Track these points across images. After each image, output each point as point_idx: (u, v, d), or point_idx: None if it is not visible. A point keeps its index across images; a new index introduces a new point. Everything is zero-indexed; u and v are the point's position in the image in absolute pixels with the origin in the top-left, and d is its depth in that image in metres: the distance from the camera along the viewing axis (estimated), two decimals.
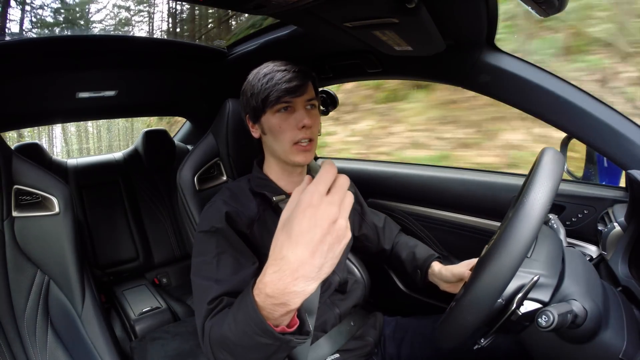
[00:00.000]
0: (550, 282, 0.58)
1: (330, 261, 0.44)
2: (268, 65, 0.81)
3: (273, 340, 0.51)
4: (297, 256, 0.43)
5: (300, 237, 0.43)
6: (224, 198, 0.82)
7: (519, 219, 0.51)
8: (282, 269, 0.45)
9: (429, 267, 0.94)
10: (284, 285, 0.45)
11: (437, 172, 1.30)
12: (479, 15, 0.74)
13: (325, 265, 0.44)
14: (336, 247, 0.44)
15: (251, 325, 0.51)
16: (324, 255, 0.43)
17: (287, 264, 0.44)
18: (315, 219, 0.42)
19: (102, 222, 1.83)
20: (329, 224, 0.42)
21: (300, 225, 0.43)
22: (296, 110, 0.79)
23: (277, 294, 0.46)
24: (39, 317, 0.87)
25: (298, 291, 0.45)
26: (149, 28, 4.91)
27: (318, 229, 0.42)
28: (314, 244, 0.43)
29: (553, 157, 0.57)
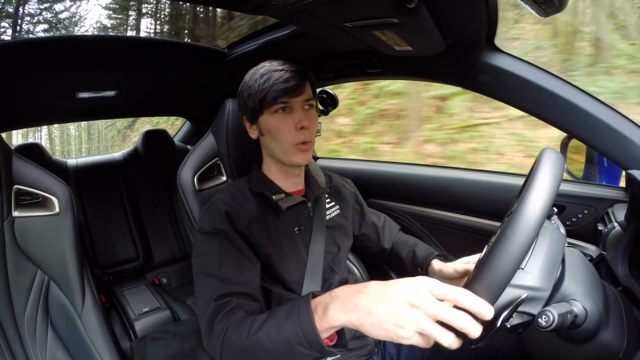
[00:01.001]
0: (541, 295, 0.56)
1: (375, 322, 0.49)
2: (265, 65, 0.80)
3: (316, 352, 0.55)
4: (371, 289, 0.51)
5: (389, 285, 0.50)
6: (223, 198, 0.82)
7: (519, 219, 0.51)
8: (358, 288, 0.53)
9: (429, 265, 0.94)
10: (345, 294, 0.53)
11: (437, 172, 1.30)
12: (479, 15, 0.74)
13: (371, 316, 0.49)
14: (389, 321, 0.48)
15: (299, 335, 0.55)
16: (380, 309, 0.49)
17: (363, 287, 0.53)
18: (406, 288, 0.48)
19: (102, 222, 1.83)
20: (407, 302, 0.47)
21: (399, 282, 0.50)
22: (294, 110, 0.79)
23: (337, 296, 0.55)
24: (39, 317, 0.87)
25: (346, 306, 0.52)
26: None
27: (399, 292, 0.48)
28: (385, 296, 0.49)
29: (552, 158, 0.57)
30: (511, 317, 0.55)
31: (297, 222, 0.85)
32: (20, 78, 1.18)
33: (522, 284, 0.56)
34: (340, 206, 0.98)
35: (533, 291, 0.56)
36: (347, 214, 0.99)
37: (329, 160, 1.67)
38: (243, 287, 0.71)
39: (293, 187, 0.88)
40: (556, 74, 0.86)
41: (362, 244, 1.07)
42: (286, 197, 0.84)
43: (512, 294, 0.55)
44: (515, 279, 0.53)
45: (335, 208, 0.96)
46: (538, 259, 0.59)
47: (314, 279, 0.84)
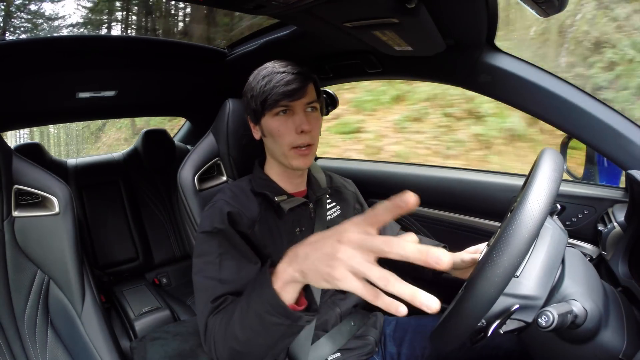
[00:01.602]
0: (535, 304, 0.56)
1: (312, 267, 0.47)
2: (268, 66, 0.80)
3: (283, 317, 0.54)
4: (309, 238, 0.50)
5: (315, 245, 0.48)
6: (226, 198, 0.82)
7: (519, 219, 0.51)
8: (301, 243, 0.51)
9: None
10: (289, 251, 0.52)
11: (437, 172, 1.30)
12: (479, 15, 0.74)
13: (307, 261, 0.47)
14: (322, 263, 0.45)
15: (264, 302, 0.54)
16: (314, 252, 0.47)
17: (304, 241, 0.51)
18: (336, 228, 0.45)
19: (102, 222, 1.83)
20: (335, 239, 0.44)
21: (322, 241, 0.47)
22: (295, 113, 0.78)
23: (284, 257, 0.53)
24: (39, 317, 0.87)
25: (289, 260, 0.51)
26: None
27: (329, 233, 0.46)
28: (318, 240, 0.47)
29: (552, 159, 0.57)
30: (504, 324, 0.55)
31: (298, 223, 0.85)
32: (20, 78, 1.18)
33: (515, 292, 0.56)
34: (341, 207, 0.98)
35: (527, 300, 0.56)
36: (348, 215, 0.99)
37: (329, 161, 1.67)
38: (241, 287, 0.71)
39: (295, 188, 0.88)
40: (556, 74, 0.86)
41: None
42: (288, 199, 0.84)
43: (504, 302, 0.55)
44: (509, 287, 0.53)
45: (336, 208, 0.96)
46: (535, 265, 0.58)
47: None
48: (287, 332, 0.56)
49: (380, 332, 0.97)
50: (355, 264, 0.41)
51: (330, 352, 0.86)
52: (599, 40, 2.96)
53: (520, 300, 0.56)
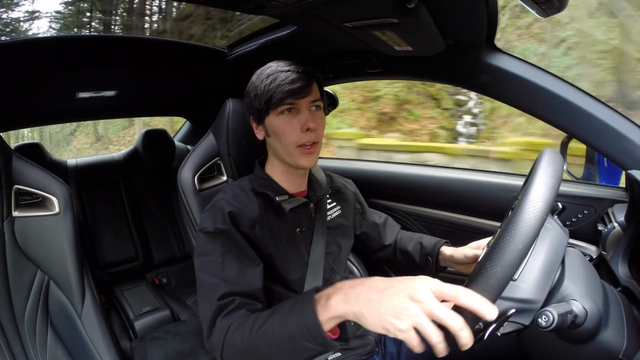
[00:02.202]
0: (533, 307, 0.56)
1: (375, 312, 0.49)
2: (271, 66, 0.79)
3: (319, 345, 0.55)
4: (374, 282, 0.52)
5: (391, 279, 0.51)
6: (227, 198, 0.81)
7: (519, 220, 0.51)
8: (360, 280, 0.54)
9: (439, 252, 0.95)
10: (349, 285, 0.54)
11: (437, 172, 1.30)
12: (479, 15, 0.74)
13: (371, 307, 0.50)
14: (388, 313, 0.48)
15: (302, 328, 0.55)
16: (381, 300, 0.49)
17: (365, 280, 0.54)
18: (408, 282, 0.49)
19: (102, 222, 1.82)
20: (407, 294, 0.48)
21: (401, 278, 0.50)
22: (300, 112, 0.78)
23: (340, 287, 0.55)
24: (39, 317, 0.87)
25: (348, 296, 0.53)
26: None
27: (400, 286, 0.49)
28: (387, 289, 0.50)
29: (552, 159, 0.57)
30: (501, 327, 0.56)
31: (299, 223, 0.85)
32: (20, 78, 1.18)
33: (512, 296, 0.56)
34: (342, 206, 0.98)
35: (524, 304, 0.56)
36: (348, 215, 0.99)
37: (329, 160, 1.67)
38: (246, 288, 0.71)
39: (296, 188, 0.88)
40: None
41: (362, 243, 1.07)
42: (289, 199, 0.83)
43: (501, 306, 0.55)
44: (507, 291, 0.53)
45: (336, 208, 0.96)
46: (534, 267, 0.58)
47: (315, 279, 0.84)
48: (314, 355, 0.58)
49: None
50: (421, 322, 0.46)
51: (331, 351, 0.86)
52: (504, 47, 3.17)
53: (517, 304, 0.56)
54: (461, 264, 0.88)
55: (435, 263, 0.95)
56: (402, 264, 1.05)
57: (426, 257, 0.97)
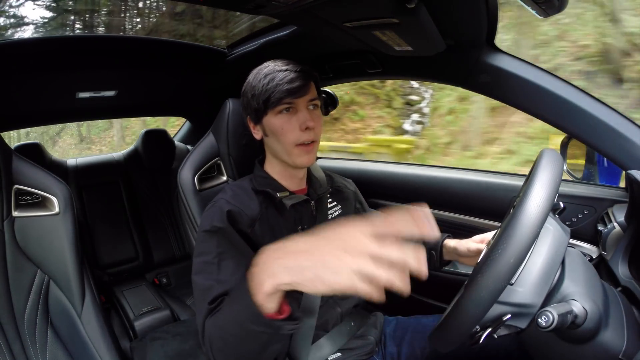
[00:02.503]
0: (530, 311, 0.56)
1: (312, 277, 0.43)
2: (268, 65, 0.80)
3: (263, 326, 0.53)
4: (297, 246, 0.46)
5: (314, 237, 0.45)
6: (226, 197, 0.82)
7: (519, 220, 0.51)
8: (280, 247, 0.48)
9: (442, 245, 0.94)
10: (270, 259, 0.48)
11: (437, 172, 1.30)
12: (479, 15, 0.74)
13: (306, 272, 0.44)
14: (327, 272, 0.42)
15: (243, 311, 0.53)
16: (313, 263, 0.43)
17: (286, 245, 0.47)
18: (335, 235, 0.44)
19: (102, 222, 1.83)
20: (339, 248, 0.42)
21: (324, 232, 0.45)
22: (298, 111, 0.78)
23: (260, 263, 0.49)
24: (39, 317, 0.87)
25: (273, 271, 0.47)
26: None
27: (328, 242, 0.44)
28: (315, 249, 0.44)
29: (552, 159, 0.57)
30: (497, 330, 0.56)
31: (300, 221, 0.85)
32: (20, 78, 1.18)
33: (509, 301, 0.56)
34: (342, 206, 0.98)
35: (520, 308, 0.56)
36: (349, 214, 0.99)
37: (329, 161, 1.67)
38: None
39: (296, 186, 0.88)
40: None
41: None
42: (290, 195, 0.84)
43: (497, 310, 0.55)
44: (503, 295, 0.53)
45: (337, 208, 0.96)
46: (532, 270, 0.57)
47: None
48: (272, 339, 0.56)
49: (381, 332, 0.97)
50: (361, 267, 0.41)
51: (331, 352, 0.86)
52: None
53: (514, 309, 0.56)
54: (465, 257, 0.88)
55: (439, 257, 0.95)
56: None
57: (430, 252, 0.96)
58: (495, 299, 0.50)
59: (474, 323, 0.52)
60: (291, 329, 0.55)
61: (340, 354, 0.87)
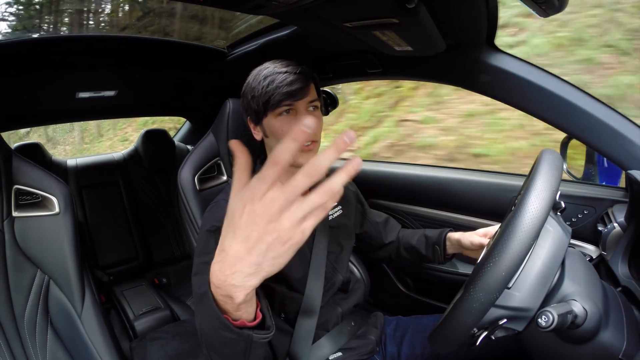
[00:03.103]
0: (527, 315, 0.56)
1: (272, 260, 0.41)
2: (268, 67, 0.79)
3: (235, 334, 0.51)
4: (234, 251, 0.42)
5: (239, 232, 0.41)
6: (226, 198, 0.81)
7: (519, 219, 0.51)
8: (223, 261, 0.44)
9: (445, 239, 0.96)
10: (224, 277, 0.44)
11: (437, 172, 1.30)
12: (479, 15, 0.74)
13: (264, 264, 0.42)
14: (278, 247, 0.40)
15: (213, 319, 0.50)
16: (262, 254, 0.40)
17: (226, 256, 0.43)
18: (253, 216, 0.40)
19: (102, 222, 1.83)
20: (267, 222, 0.39)
21: (240, 220, 0.41)
22: (298, 112, 0.78)
23: (220, 284, 0.45)
24: (39, 317, 0.87)
25: (237, 284, 0.44)
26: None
27: (255, 226, 0.40)
28: (251, 242, 0.40)
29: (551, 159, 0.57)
30: (493, 333, 0.56)
31: None
32: (20, 78, 1.18)
33: (506, 304, 0.56)
34: (343, 206, 0.98)
35: (517, 312, 0.56)
36: (350, 214, 0.99)
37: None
38: None
39: None
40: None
41: (363, 242, 1.07)
42: None
43: (494, 313, 0.55)
44: (501, 299, 0.52)
45: (337, 208, 0.96)
46: (530, 274, 0.57)
47: (317, 278, 0.84)
48: (249, 346, 0.53)
49: (381, 331, 0.97)
50: (297, 216, 0.39)
51: (331, 351, 0.86)
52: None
53: (510, 312, 0.56)
54: (468, 250, 0.90)
55: (443, 251, 0.96)
56: (406, 260, 1.06)
57: (433, 247, 0.98)
58: (494, 301, 0.50)
59: (472, 325, 0.52)
60: (262, 337, 0.53)
61: (341, 354, 0.87)
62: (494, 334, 0.56)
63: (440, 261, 0.98)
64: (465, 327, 0.52)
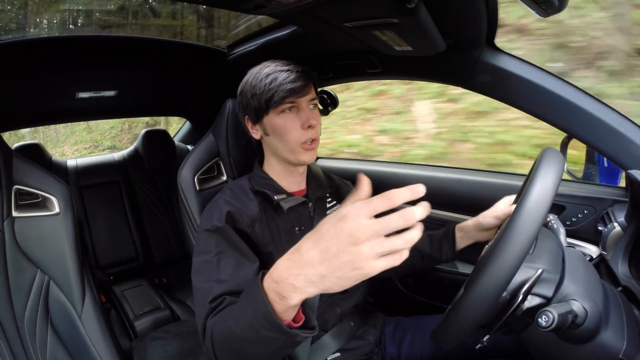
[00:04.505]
0: (553, 277, 0.58)
1: (336, 279, 0.43)
2: (269, 65, 0.80)
3: (279, 334, 0.52)
4: (309, 256, 0.45)
5: (322, 242, 0.44)
6: (226, 197, 0.82)
7: (519, 218, 0.51)
8: (294, 260, 0.47)
9: (454, 231, 0.93)
10: (288, 275, 0.47)
11: (437, 172, 1.30)
12: (479, 15, 0.74)
13: (328, 279, 0.44)
14: (347, 270, 0.42)
15: (259, 317, 0.52)
16: (331, 268, 0.43)
17: (299, 257, 0.46)
18: (340, 233, 0.42)
19: (102, 222, 1.83)
20: (349, 244, 0.41)
21: (326, 231, 0.44)
22: (300, 110, 0.79)
23: (281, 280, 0.48)
24: (39, 317, 0.87)
25: (297, 286, 0.46)
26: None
27: (338, 242, 0.42)
28: (328, 255, 0.43)
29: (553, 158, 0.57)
30: (527, 296, 0.56)
31: (298, 222, 0.85)
32: (20, 78, 1.18)
33: (534, 265, 0.57)
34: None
35: (545, 272, 0.57)
36: None
37: (329, 161, 1.67)
38: (239, 286, 0.71)
39: (295, 187, 0.88)
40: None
41: None
42: (287, 197, 0.84)
43: (525, 273, 0.56)
44: (527, 261, 0.54)
45: (337, 207, 0.96)
46: (544, 245, 0.61)
47: None
48: (284, 345, 0.55)
49: (380, 332, 0.97)
50: (379, 249, 0.41)
51: (330, 352, 0.86)
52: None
53: (542, 267, 0.57)
54: (488, 230, 0.88)
55: (452, 245, 0.93)
56: (405, 268, 1.03)
57: (440, 242, 0.94)
58: (518, 267, 0.51)
59: (478, 320, 0.53)
60: (306, 336, 0.55)
61: (340, 354, 0.87)
62: (525, 302, 0.56)
63: (447, 257, 0.93)
64: (470, 322, 0.53)
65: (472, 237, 0.91)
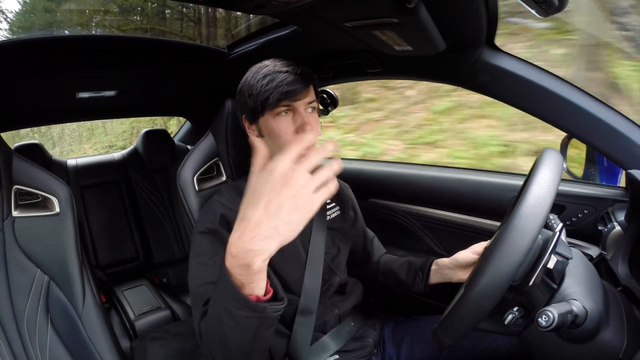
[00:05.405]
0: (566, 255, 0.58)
1: (288, 225, 0.47)
2: (268, 65, 0.79)
3: (250, 311, 0.54)
4: (254, 215, 0.47)
5: (261, 199, 0.47)
6: (221, 200, 0.82)
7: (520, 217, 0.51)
8: (243, 228, 0.49)
9: (430, 266, 0.93)
10: (243, 243, 0.49)
11: (437, 172, 1.30)
12: (479, 15, 0.74)
13: (281, 227, 0.47)
14: (294, 213, 0.46)
15: (228, 299, 0.53)
16: (280, 217, 0.46)
17: (246, 223, 0.48)
18: (273, 182, 0.46)
19: (102, 222, 1.83)
20: (287, 188, 0.46)
21: (262, 188, 0.47)
22: (296, 113, 0.77)
23: (239, 252, 0.50)
24: (39, 317, 0.87)
25: (256, 249, 0.48)
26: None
27: (275, 192, 0.46)
28: (272, 207, 0.46)
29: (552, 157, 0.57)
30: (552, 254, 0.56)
31: None
32: (20, 78, 1.18)
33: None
34: (341, 207, 0.98)
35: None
36: (347, 217, 0.99)
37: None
38: None
39: None
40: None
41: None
42: None
43: (546, 234, 0.58)
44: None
45: (335, 209, 0.96)
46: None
47: (313, 279, 0.84)
48: (261, 324, 0.57)
49: (379, 333, 0.97)
50: (311, 185, 0.47)
51: (330, 353, 0.86)
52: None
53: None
54: (465, 269, 0.87)
55: (425, 278, 0.93)
56: (381, 286, 1.03)
57: (415, 273, 0.94)
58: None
59: (482, 314, 0.53)
60: (277, 309, 0.57)
61: (339, 356, 0.87)
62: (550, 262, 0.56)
63: (419, 288, 0.94)
64: (475, 317, 0.53)
65: (445, 275, 0.91)
